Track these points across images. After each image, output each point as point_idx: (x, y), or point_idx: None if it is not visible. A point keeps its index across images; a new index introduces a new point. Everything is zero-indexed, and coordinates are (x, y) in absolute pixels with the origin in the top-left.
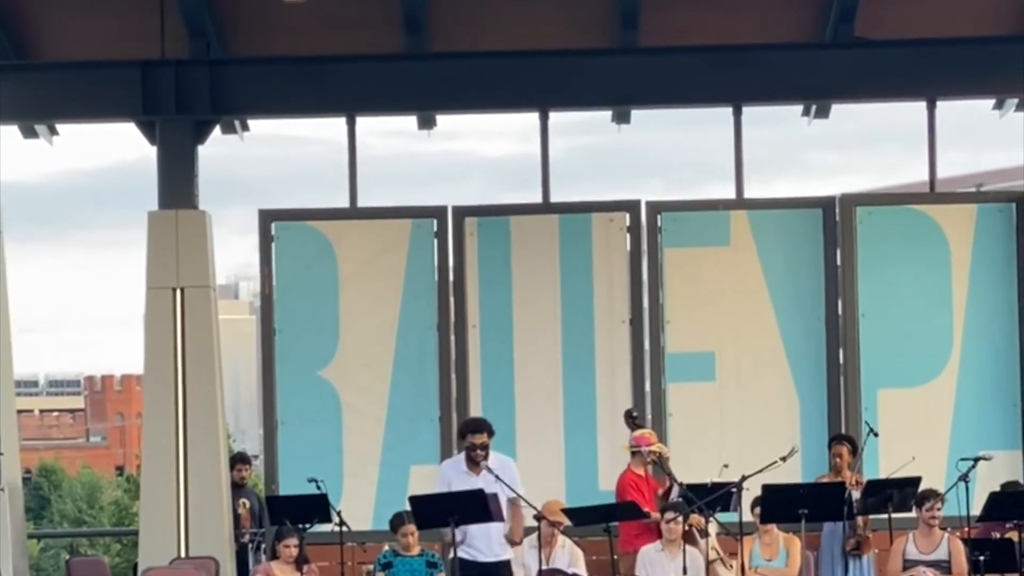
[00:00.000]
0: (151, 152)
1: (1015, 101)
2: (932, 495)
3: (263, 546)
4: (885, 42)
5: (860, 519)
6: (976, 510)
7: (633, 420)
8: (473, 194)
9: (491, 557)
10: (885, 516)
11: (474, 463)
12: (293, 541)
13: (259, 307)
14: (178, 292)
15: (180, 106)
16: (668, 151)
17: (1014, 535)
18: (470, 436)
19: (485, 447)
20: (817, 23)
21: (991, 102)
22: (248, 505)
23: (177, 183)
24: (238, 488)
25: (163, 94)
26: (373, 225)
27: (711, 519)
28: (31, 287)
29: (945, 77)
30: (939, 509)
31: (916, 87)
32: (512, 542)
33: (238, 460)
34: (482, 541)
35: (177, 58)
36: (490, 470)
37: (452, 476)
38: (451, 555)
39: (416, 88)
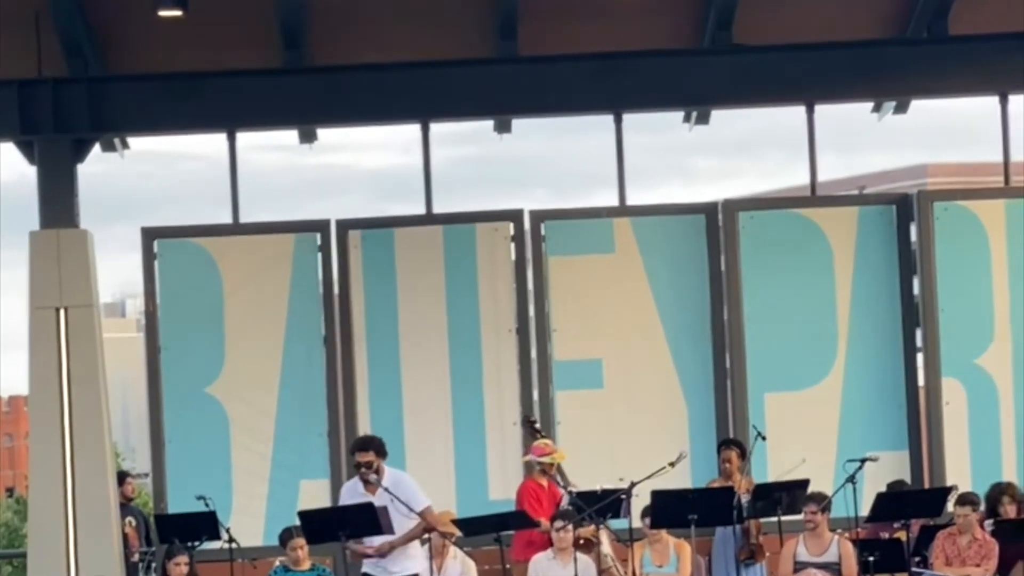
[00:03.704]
0: (30, 172)
1: (893, 104)
2: (808, 499)
3: (153, 565)
4: (763, 47)
5: (752, 526)
6: (864, 511)
7: (533, 427)
8: (356, 207)
9: (401, 571)
10: (775, 519)
11: (367, 482)
12: (183, 559)
13: (144, 325)
14: (62, 312)
15: (58, 125)
16: (550, 160)
17: (902, 535)
18: (356, 454)
19: (370, 465)
20: (695, 30)
21: (869, 105)
22: (134, 524)
23: (58, 202)
24: (123, 507)
25: (41, 113)
26: (256, 240)
27: (602, 526)
28: None
29: (823, 81)
30: (814, 513)
31: (795, 92)
32: (440, 531)
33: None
34: (394, 553)
35: (55, 76)
36: (386, 489)
37: (349, 500)
38: (347, 569)
39: (296, 102)
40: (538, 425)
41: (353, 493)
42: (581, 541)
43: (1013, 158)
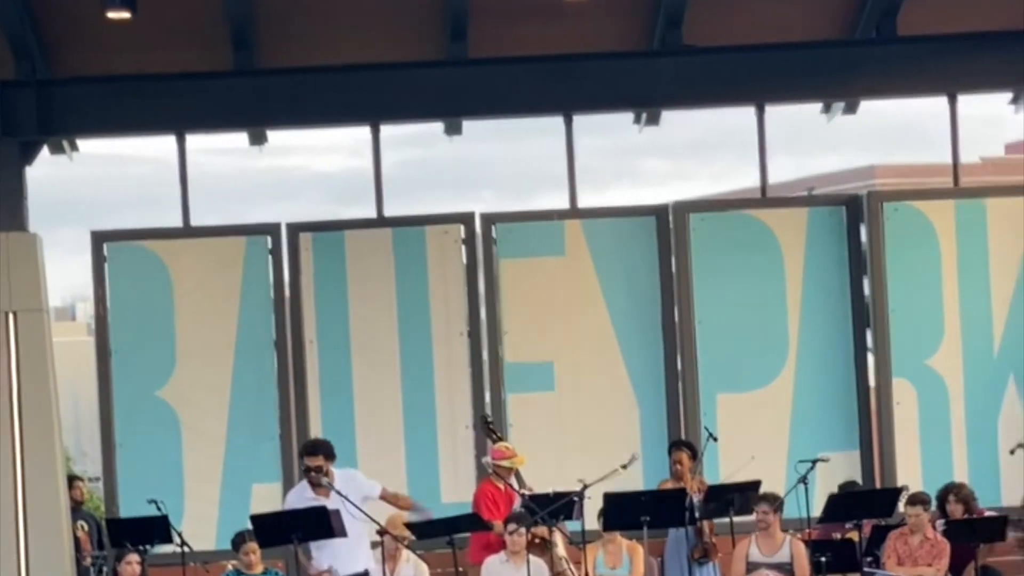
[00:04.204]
0: None
1: (842, 105)
2: (760, 500)
3: (104, 569)
4: (713, 49)
5: (706, 526)
6: (816, 511)
7: (488, 428)
8: (307, 209)
9: (350, 570)
10: (727, 520)
11: (317, 485)
12: (135, 559)
13: (94, 329)
14: (10, 316)
15: (6, 128)
16: (501, 162)
17: (854, 535)
18: (305, 459)
19: (320, 469)
20: (645, 31)
21: (819, 106)
22: (86, 528)
23: (6, 206)
24: (74, 511)
25: None
26: (207, 244)
27: (556, 529)
28: None
29: (773, 82)
30: (766, 513)
31: (745, 93)
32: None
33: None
34: (342, 553)
35: (1, 79)
36: (338, 492)
37: (298, 504)
38: (301, 571)
39: (246, 105)
40: (493, 426)
41: (301, 497)
42: (537, 540)
43: (962, 159)
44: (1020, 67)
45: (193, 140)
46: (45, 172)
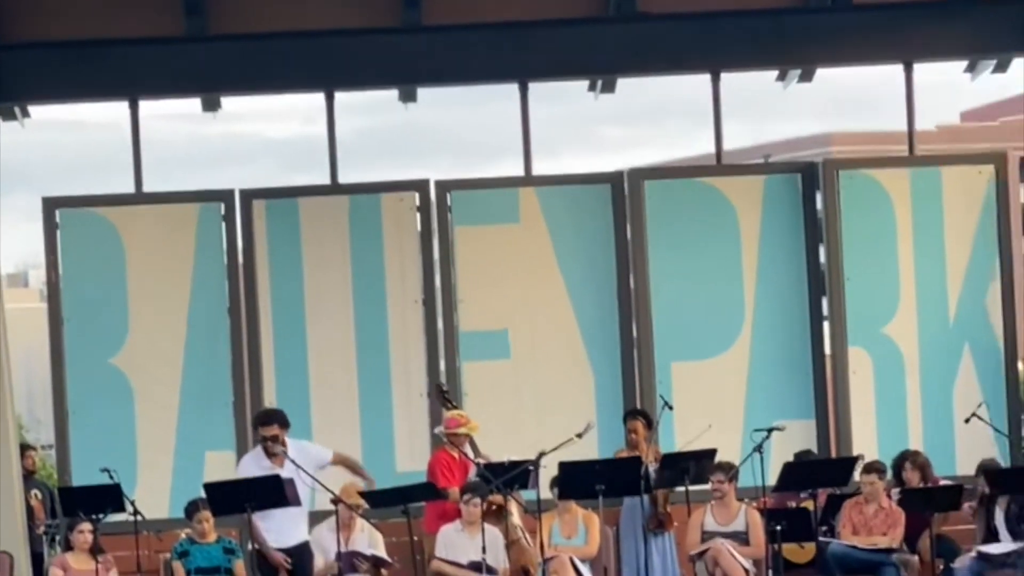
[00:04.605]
0: None
1: (798, 72)
2: (716, 468)
3: (57, 538)
4: (669, 16)
5: (660, 495)
6: (771, 480)
7: (444, 396)
8: (261, 176)
9: (292, 541)
10: (683, 489)
11: (272, 455)
12: (87, 527)
13: (47, 295)
14: None
15: None
16: (456, 129)
17: (809, 504)
18: (260, 428)
19: (275, 439)
20: None
21: (774, 74)
22: (40, 496)
23: None
24: (26, 479)
25: None
26: (159, 210)
27: (511, 498)
28: None
29: (728, 50)
30: (721, 482)
31: (700, 60)
32: (346, 504)
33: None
34: (284, 524)
35: None
36: (293, 461)
37: (252, 471)
38: (251, 543)
39: (199, 71)
40: (449, 394)
41: (256, 465)
42: (492, 508)
43: (918, 127)
44: (975, 35)
45: (146, 106)
46: None
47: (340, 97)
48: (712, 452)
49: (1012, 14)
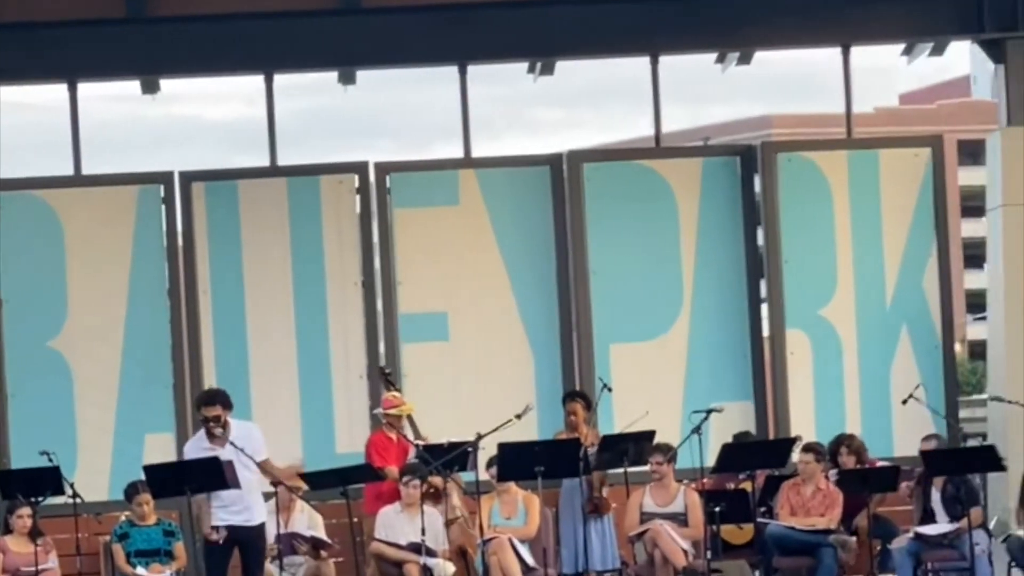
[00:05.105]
0: None
1: (737, 55)
2: (654, 450)
3: None
4: None
5: (596, 479)
6: (710, 462)
7: (386, 379)
8: (201, 158)
9: (246, 521)
10: (622, 470)
11: (213, 436)
12: (26, 511)
13: None
14: None
15: None
16: (395, 111)
17: (748, 485)
18: (203, 409)
19: (218, 419)
20: None
21: (713, 56)
22: None
23: None
24: None
25: None
26: (99, 193)
27: (450, 479)
28: None
29: (667, 32)
30: (660, 464)
31: (638, 43)
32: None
33: None
34: (238, 504)
35: None
36: (233, 444)
37: (195, 454)
38: (194, 524)
39: (138, 53)
40: (391, 377)
41: (198, 448)
42: (431, 490)
43: (857, 109)
44: (912, 19)
45: (85, 87)
46: None
47: (280, 79)
48: (651, 434)
49: None
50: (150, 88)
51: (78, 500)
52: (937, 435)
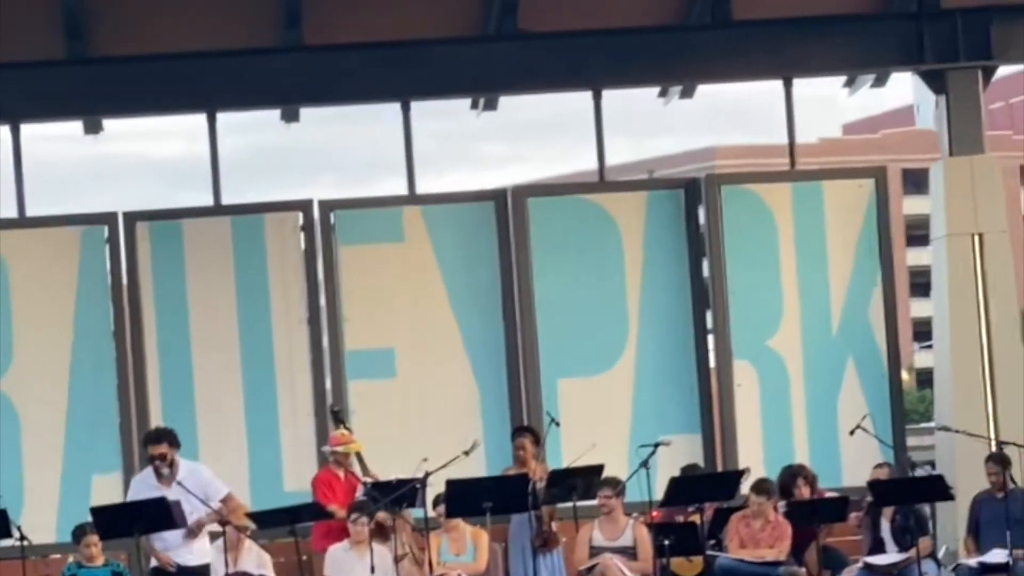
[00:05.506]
0: None
1: (679, 89)
2: (602, 484)
3: None
4: (549, 34)
5: (545, 513)
6: (658, 495)
7: (336, 417)
8: (145, 197)
9: (188, 562)
10: (571, 505)
11: (161, 475)
12: None
13: None
14: None
15: None
16: (339, 148)
17: (696, 518)
18: (150, 447)
19: (164, 457)
20: (480, 16)
21: (656, 90)
22: None
23: None
24: None
25: None
26: (43, 234)
27: (399, 516)
28: None
29: (609, 67)
30: (608, 497)
31: (581, 78)
32: (234, 524)
33: None
34: (181, 546)
35: None
36: (180, 483)
37: (142, 491)
38: (143, 564)
39: (80, 93)
40: (342, 415)
41: (145, 485)
42: (378, 527)
43: (800, 139)
44: (853, 51)
45: (27, 128)
46: None
47: (222, 117)
48: (599, 468)
49: (890, 30)
50: (93, 128)
51: (26, 543)
52: (888, 463)
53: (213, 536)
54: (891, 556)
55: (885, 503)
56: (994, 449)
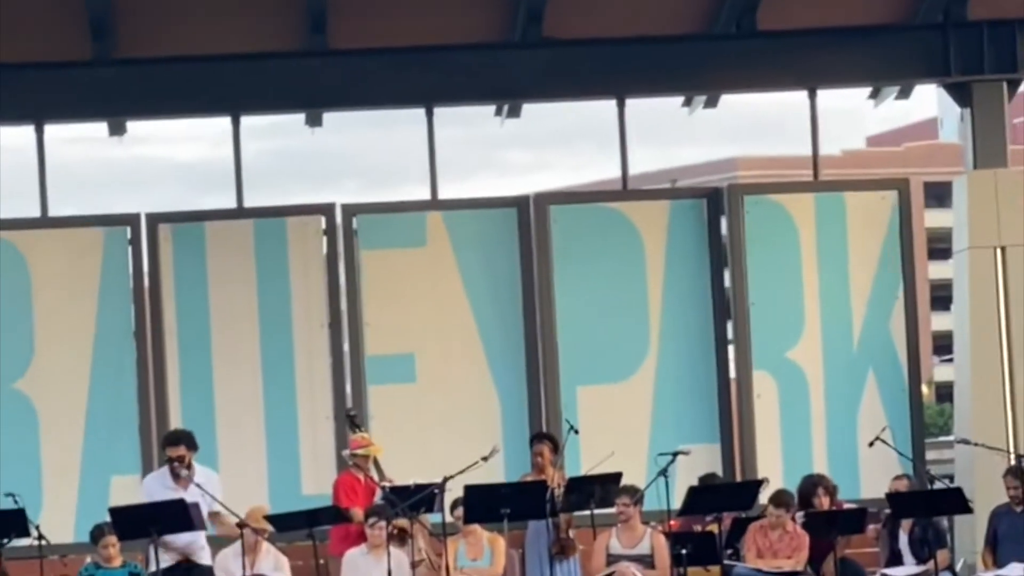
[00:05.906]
0: None
1: (703, 98)
2: (621, 492)
3: None
4: (574, 41)
5: (563, 521)
6: (677, 504)
7: (352, 421)
8: (168, 200)
9: (204, 559)
10: (588, 512)
11: (177, 476)
12: None
13: None
14: None
15: None
16: (362, 153)
17: (714, 528)
18: (168, 449)
19: (182, 459)
20: (506, 23)
21: (680, 99)
22: None
23: None
24: None
25: None
26: (66, 234)
27: (417, 521)
28: None
29: (634, 76)
30: (627, 505)
31: (606, 86)
32: (252, 527)
33: None
34: (190, 547)
35: None
36: (198, 485)
37: (156, 490)
38: (154, 566)
39: (105, 94)
40: (357, 420)
41: (160, 485)
42: (395, 531)
43: (823, 151)
44: (878, 62)
45: (51, 129)
46: None
47: (246, 121)
48: (617, 476)
49: (914, 41)
50: (117, 130)
51: (44, 542)
52: (908, 475)
53: (231, 540)
54: (909, 568)
55: (903, 515)
56: (1013, 462)
